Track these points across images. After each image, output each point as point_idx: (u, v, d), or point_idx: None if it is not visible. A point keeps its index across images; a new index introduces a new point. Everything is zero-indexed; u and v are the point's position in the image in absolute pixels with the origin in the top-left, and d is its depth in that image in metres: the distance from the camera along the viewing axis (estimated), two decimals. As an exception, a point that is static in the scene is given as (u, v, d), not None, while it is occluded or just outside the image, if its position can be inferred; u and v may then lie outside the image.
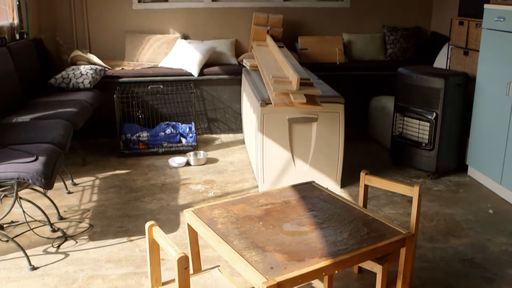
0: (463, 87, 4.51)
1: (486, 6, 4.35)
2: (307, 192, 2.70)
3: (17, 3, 5.15)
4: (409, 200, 4.07)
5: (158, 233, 1.97)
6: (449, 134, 4.56)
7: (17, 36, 5.13)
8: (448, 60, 5.14)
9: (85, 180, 4.56)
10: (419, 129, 4.63)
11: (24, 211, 3.57)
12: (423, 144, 4.61)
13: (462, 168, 4.74)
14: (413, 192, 2.60)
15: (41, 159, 3.19)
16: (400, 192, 2.66)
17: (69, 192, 4.27)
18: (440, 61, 5.48)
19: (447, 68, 5.16)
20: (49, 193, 4.01)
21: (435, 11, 6.49)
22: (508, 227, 3.70)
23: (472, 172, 4.67)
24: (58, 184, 4.26)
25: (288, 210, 2.47)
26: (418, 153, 4.67)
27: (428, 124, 4.55)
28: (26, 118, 4.25)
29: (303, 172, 4.22)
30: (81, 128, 4.42)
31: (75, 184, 4.45)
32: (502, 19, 4.10)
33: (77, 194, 4.26)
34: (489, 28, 4.28)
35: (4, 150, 3.39)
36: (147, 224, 2.02)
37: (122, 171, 4.76)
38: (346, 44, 6.28)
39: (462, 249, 3.37)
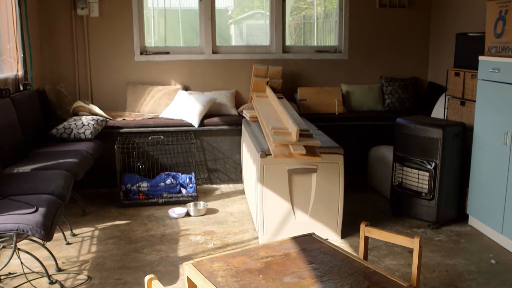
0: (461, 137, 4.56)
1: (480, 58, 4.44)
2: (307, 244, 2.69)
3: (22, 55, 5.27)
4: (410, 250, 4.04)
5: (157, 287, 1.96)
6: (448, 183, 4.57)
7: (21, 87, 5.21)
8: (446, 110, 5.21)
9: (85, 231, 4.53)
10: (418, 179, 4.65)
11: (22, 263, 3.53)
12: (423, 194, 4.62)
13: (462, 217, 4.72)
14: (413, 244, 2.59)
15: (41, 210, 3.19)
16: (400, 244, 2.65)
17: (68, 243, 4.24)
18: (438, 111, 5.55)
19: (445, 118, 5.21)
20: (48, 244, 3.98)
21: (432, 62, 6.61)
22: (510, 278, 3.66)
23: (472, 221, 4.65)
24: (57, 235, 4.23)
25: (289, 263, 2.46)
26: (418, 203, 4.67)
27: (427, 174, 4.57)
28: (27, 168, 4.27)
29: (303, 223, 4.21)
30: (81, 178, 4.44)
31: (74, 235, 4.42)
32: (497, 71, 4.19)
33: (76, 245, 4.24)
34: (485, 79, 4.36)
35: (4, 201, 3.40)
36: (146, 278, 2.00)
37: (122, 222, 4.75)
38: (344, 95, 6.37)
39: (465, 302, 3.33)
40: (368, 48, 6.55)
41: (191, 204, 5.01)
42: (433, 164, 4.51)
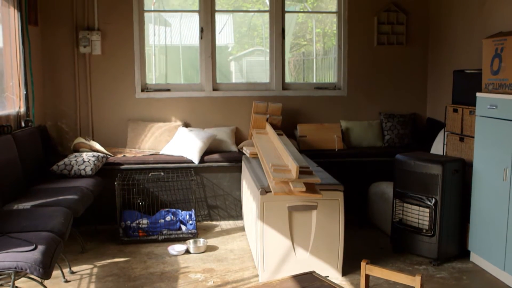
0: (460, 173, 4.57)
1: (478, 94, 4.49)
2: (307, 282, 2.67)
3: (25, 92, 5.32)
4: (412, 288, 4.00)
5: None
6: (449, 220, 4.56)
7: (23, 124, 5.25)
8: (445, 146, 5.23)
9: (83, 268, 4.50)
10: (419, 215, 4.64)
11: (20, 302, 3.50)
12: (424, 230, 4.60)
13: (464, 254, 4.69)
14: (415, 282, 2.57)
15: (40, 248, 3.18)
16: (401, 282, 2.63)
17: (67, 281, 4.20)
18: (437, 147, 5.57)
19: (444, 154, 5.23)
20: (46, 281, 3.93)
21: (430, 98, 6.67)
22: (514, 317, 3.62)
23: (474, 258, 4.62)
24: (55, 272, 4.19)
25: (289, 301, 2.43)
26: (419, 240, 4.64)
27: (427, 210, 4.56)
28: (26, 205, 4.27)
29: (304, 260, 4.18)
30: (81, 214, 4.43)
31: (73, 272, 4.39)
32: (494, 107, 4.23)
33: (75, 283, 4.20)
34: (483, 115, 4.40)
35: (3, 238, 3.39)
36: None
37: (121, 259, 4.71)
38: (344, 131, 6.41)
39: None
40: (367, 85, 6.62)
41: (191, 241, 4.98)
42: (433, 200, 4.51)
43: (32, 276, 3.77)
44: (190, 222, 5.33)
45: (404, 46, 6.62)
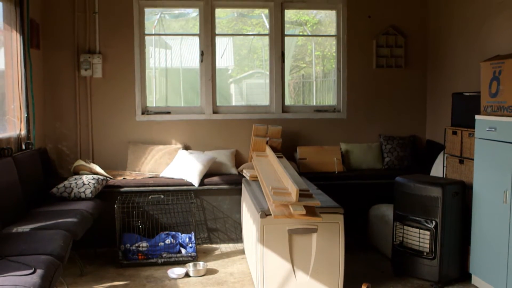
0: (460, 195, 4.57)
1: (477, 117, 4.51)
2: (307, 306, 2.65)
3: (26, 115, 5.34)
4: (413, 312, 3.97)
5: None
6: (450, 242, 4.54)
7: (23, 146, 5.26)
8: (445, 168, 5.23)
9: (82, 292, 4.47)
10: (419, 238, 4.62)
11: (18, 326, 3.47)
12: (425, 253, 4.58)
13: (465, 277, 4.66)
14: (415, 306, 2.56)
15: (39, 272, 3.16)
16: (402, 306, 2.62)
17: (65, 305, 4.18)
18: (437, 169, 5.57)
19: (444, 176, 5.23)
20: (45, 306, 3.91)
21: (429, 120, 6.70)
22: None
23: (476, 281, 4.59)
24: (54, 297, 4.17)
25: (289, 326, 2.42)
26: (420, 262, 4.62)
27: (428, 232, 4.55)
28: (26, 228, 4.25)
29: (304, 283, 4.15)
30: (81, 237, 4.41)
31: (71, 297, 4.36)
32: (493, 129, 4.24)
33: (73, 307, 4.17)
34: (482, 137, 4.41)
35: (2, 261, 3.37)
36: None
37: (120, 283, 4.68)
38: (344, 154, 6.42)
39: None
40: (366, 107, 6.66)
41: (191, 264, 4.96)
42: (434, 223, 4.50)
43: (30, 300, 3.75)
44: (190, 245, 5.31)
45: (403, 69, 6.67)
